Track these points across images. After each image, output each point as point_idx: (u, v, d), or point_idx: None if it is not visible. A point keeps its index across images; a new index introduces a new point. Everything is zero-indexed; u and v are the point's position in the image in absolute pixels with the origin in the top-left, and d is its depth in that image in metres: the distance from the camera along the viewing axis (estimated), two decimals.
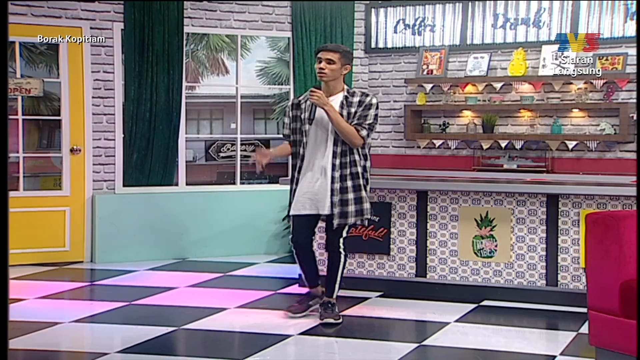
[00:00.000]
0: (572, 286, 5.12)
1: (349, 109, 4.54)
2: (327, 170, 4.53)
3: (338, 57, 4.54)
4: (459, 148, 7.26)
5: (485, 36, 7.13)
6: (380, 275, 5.55)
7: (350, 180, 4.53)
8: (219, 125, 15.39)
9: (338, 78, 4.59)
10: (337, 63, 4.53)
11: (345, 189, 4.52)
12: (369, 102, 4.57)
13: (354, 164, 4.54)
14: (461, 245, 5.37)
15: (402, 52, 7.51)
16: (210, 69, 14.83)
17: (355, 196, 4.55)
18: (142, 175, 6.86)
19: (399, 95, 7.56)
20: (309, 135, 4.58)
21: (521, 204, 5.23)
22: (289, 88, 7.60)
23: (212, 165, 10.25)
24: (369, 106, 4.56)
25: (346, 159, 4.54)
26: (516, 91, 6.96)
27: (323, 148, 4.55)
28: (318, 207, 4.56)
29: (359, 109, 4.53)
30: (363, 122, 4.51)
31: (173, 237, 6.92)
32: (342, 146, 4.54)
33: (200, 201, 7.03)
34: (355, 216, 4.56)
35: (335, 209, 4.52)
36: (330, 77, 4.54)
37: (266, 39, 12.56)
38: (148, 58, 6.76)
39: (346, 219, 4.54)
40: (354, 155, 4.55)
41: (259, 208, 7.15)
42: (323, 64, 4.52)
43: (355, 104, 4.55)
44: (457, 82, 7.11)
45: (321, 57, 4.54)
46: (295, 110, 4.69)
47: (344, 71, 4.60)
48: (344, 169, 4.53)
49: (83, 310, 5.01)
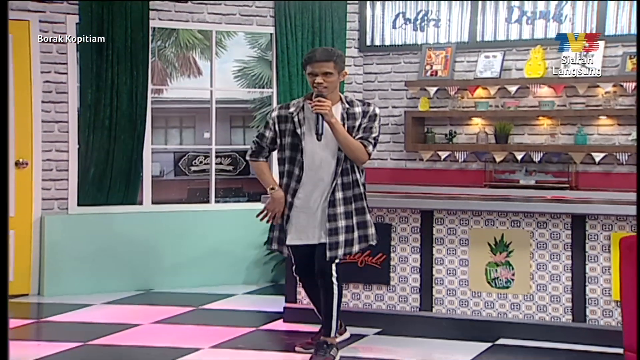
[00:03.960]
0: (602, 322, 5.09)
1: (352, 122, 4.59)
2: (331, 192, 4.56)
3: (333, 67, 4.54)
4: (468, 161, 7.25)
5: (498, 32, 7.15)
6: (379, 308, 5.52)
7: (354, 203, 4.61)
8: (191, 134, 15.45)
9: (336, 88, 4.63)
10: (334, 73, 4.55)
11: (349, 213, 4.59)
12: (373, 113, 4.63)
13: (357, 184, 4.64)
14: (472, 273, 5.35)
15: (401, 50, 7.53)
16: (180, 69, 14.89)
17: (359, 220, 4.63)
18: (100, 192, 6.82)
19: (399, 100, 7.56)
20: (310, 153, 4.59)
21: (542, 226, 5.22)
22: (271, 92, 7.63)
23: (183, 180, 10.26)
24: (373, 117, 4.63)
25: (349, 178, 4.61)
26: (534, 95, 6.98)
27: (327, 167, 4.58)
28: (322, 234, 4.60)
29: (362, 121, 4.60)
30: (369, 135, 4.60)
31: (136, 264, 6.89)
32: (344, 164, 4.59)
33: (169, 223, 7.03)
34: (359, 243, 4.65)
35: (340, 236, 4.56)
36: (331, 90, 4.57)
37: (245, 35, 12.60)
38: (108, 57, 6.74)
39: (351, 247, 4.62)
40: (355, 174, 4.63)
41: (237, 230, 7.14)
42: (320, 78, 4.51)
43: (358, 116, 4.61)
44: (466, 85, 7.13)
45: (316, 71, 4.52)
46: (284, 124, 4.67)
47: (341, 78, 4.64)
48: (346, 191, 4.59)
49: (28, 353, 4.92)
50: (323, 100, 4.45)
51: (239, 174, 9.44)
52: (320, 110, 4.44)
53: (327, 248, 4.54)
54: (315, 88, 4.52)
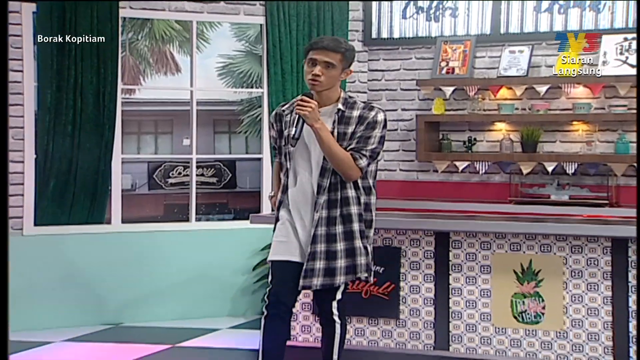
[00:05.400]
0: None
1: (344, 128, 4.43)
2: (315, 208, 4.43)
3: (339, 59, 4.43)
4: (490, 173, 7.26)
5: (526, 23, 7.17)
6: (387, 347, 5.51)
7: (340, 225, 4.44)
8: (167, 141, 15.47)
9: (335, 86, 4.49)
10: (337, 67, 4.43)
11: (332, 236, 4.42)
12: (374, 119, 4.44)
13: (347, 202, 4.45)
14: (496, 306, 5.33)
15: (413, 44, 7.55)
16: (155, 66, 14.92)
17: (346, 246, 4.45)
18: (62, 210, 6.81)
19: (409, 101, 7.57)
20: (296, 160, 4.50)
21: (577, 251, 5.20)
22: (261, 92, 7.61)
23: (158, 195, 10.27)
24: (373, 124, 4.43)
25: (336, 195, 4.44)
26: (567, 96, 6.99)
27: (313, 178, 4.47)
28: (302, 255, 4.46)
29: (358, 128, 4.43)
30: (363, 146, 4.40)
31: (103, 294, 6.89)
32: (332, 177, 4.44)
33: (142, 245, 7.03)
34: (345, 274, 4.45)
35: (318, 262, 4.41)
36: (326, 86, 4.44)
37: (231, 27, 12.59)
38: (70, 51, 6.74)
39: (333, 277, 4.43)
40: (346, 191, 4.45)
41: (221, 254, 7.15)
42: (318, 68, 4.40)
43: (353, 121, 4.44)
44: (487, 84, 7.15)
45: (316, 58, 4.41)
46: (278, 124, 4.63)
47: (343, 77, 4.51)
48: (332, 209, 4.43)
49: None
50: (307, 100, 4.32)
51: (224, 187, 9.45)
52: (301, 111, 4.32)
53: (302, 275, 4.41)
54: (309, 80, 4.41)
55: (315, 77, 4.36)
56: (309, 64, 4.41)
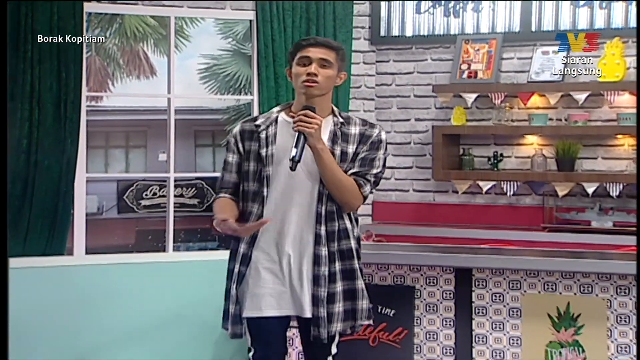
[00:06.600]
0: None
1: (344, 146, 4.39)
2: (309, 243, 4.36)
3: (334, 58, 4.39)
4: (520, 194, 7.30)
5: (561, 19, 7.21)
6: None
7: (339, 262, 4.38)
8: (141, 156, 15.56)
9: (329, 93, 4.44)
10: (334, 67, 4.38)
11: (333, 275, 4.36)
12: (378, 138, 4.42)
13: (345, 234, 4.40)
14: (527, 356, 5.33)
15: (428, 43, 7.62)
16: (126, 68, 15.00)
17: (346, 287, 4.39)
18: (15, 239, 6.76)
19: (424, 110, 7.62)
20: (278, 186, 4.38)
21: (623, 292, 5.17)
22: (251, 98, 7.63)
23: (129, 220, 10.27)
24: (378, 144, 4.41)
25: (334, 226, 4.39)
26: (610, 105, 7.03)
27: (303, 206, 4.38)
28: (294, 304, 4.38)
29: (361, 148, 4.39)
30: (368, 170, 4.37)
31: (66, 337, 6.85)
32: (328, 205, 4.37)
33: (110, 279, 6.99)
34: (343, 321, 4.39)
35: (321, 308, 4.33)
36: (323, 89, 4.37)
37: (215, 22, 12.56)
38: (26, 53, 6.73)
39: (330, 324, 4.35)
40: (343, 221, 4.40)
41: (203, 289, 7.01)
42: (314, 66, 4.33)
43: (354, 139, 4.40)
44: (516, 90, 7.21)
45: (310, 55, 4.35)
46: (249, 142, 4.50)
47: (338, 81, 4.47)
48: (331, 243, 4.37)
49: None
50: (312, 116, 4.23)
51: (207, 209, 9.41)
52: (305, 129, 4.22)
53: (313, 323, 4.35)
54: (301, 85, 4.32)
55: (312, 75, 4.29)
56: (300, 63, 4.34)
